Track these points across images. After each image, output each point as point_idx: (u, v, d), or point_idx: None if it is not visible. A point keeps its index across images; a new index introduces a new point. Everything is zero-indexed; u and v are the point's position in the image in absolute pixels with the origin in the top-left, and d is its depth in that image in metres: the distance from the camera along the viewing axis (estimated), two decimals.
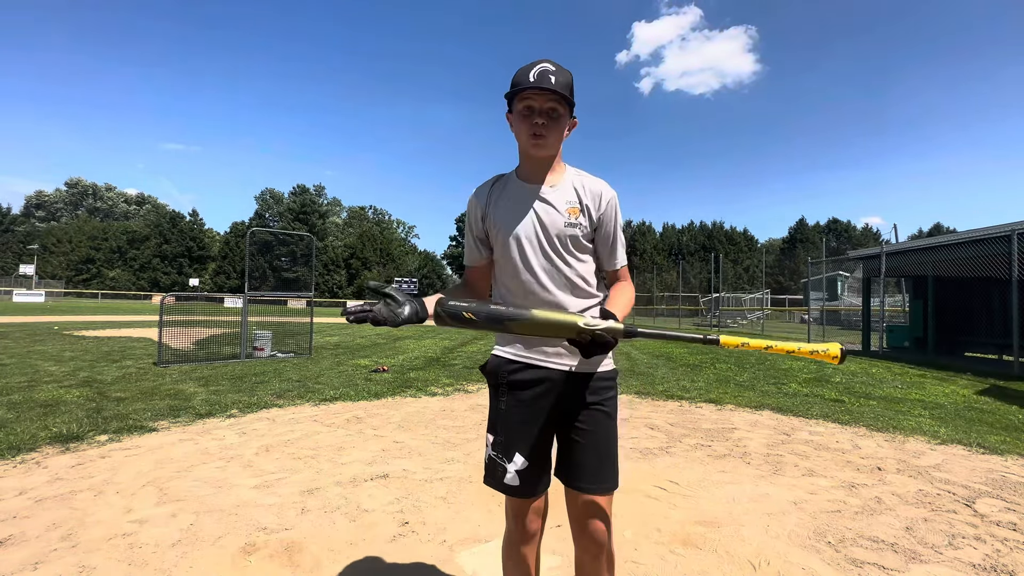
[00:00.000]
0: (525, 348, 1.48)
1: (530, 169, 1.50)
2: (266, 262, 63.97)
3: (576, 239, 1.47)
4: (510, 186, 1.53)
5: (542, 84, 1.37)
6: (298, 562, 2.20)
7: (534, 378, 1.46)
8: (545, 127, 1.41)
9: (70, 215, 79.21)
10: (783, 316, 39.37)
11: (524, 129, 1.42)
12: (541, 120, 1.40)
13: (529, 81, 1.38)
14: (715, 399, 5.94)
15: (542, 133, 1.41)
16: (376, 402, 5.55)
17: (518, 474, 1.44)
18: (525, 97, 1.41)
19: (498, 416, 1.50)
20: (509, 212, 1.49)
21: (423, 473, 3.35)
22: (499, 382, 1.51)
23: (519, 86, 1.41)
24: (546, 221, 1.46)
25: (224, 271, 66.30)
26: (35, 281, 56.76)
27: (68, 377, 6.39)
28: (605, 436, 1.46)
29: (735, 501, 2.96)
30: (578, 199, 1.48)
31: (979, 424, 4.89)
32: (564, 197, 1.48)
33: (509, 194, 1.51)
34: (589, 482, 1.43)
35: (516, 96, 1.42)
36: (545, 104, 1.40)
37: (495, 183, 1.56)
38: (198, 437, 4.03)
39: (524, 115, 1.42)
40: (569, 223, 1.46)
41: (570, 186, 1.50)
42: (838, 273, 30.66)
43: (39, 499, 2.77)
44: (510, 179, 1.54)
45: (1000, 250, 9.39)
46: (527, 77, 1.39)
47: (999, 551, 2.40)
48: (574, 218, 1.47)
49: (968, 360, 11.00)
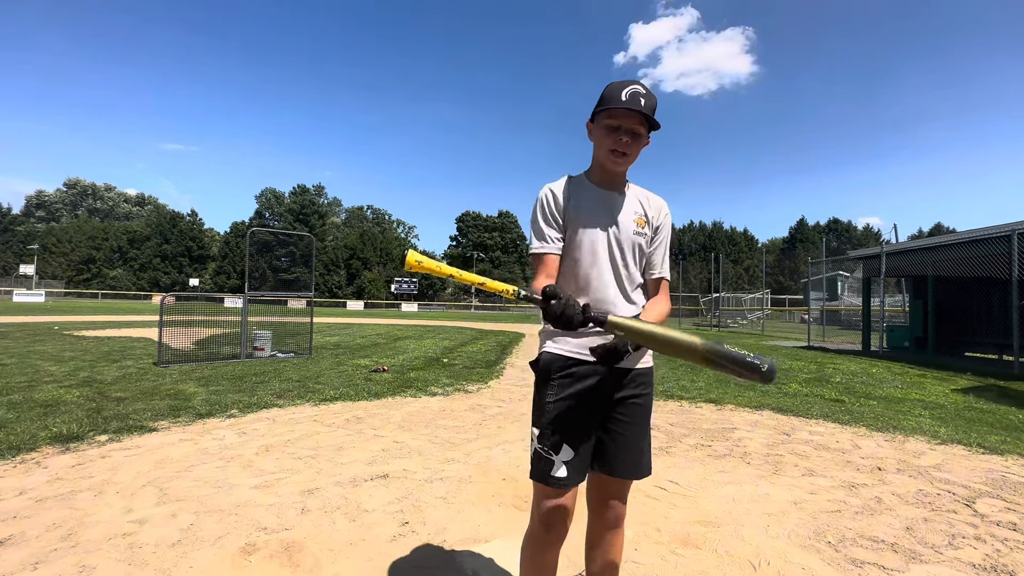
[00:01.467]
0: (575, 345, 1.54)
1: (604, 178, 1.61)
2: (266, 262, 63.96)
3: (641, 247, 1.60)
4: (585, 188, 1.61)
5: (632, 106, 1.45)
6: (298, 562, 2.20)
7: (583, 373, 1.53)
8: (628, 145, 1.50)
9: (70, 215, 79.20)
10: (783, 316, 39.35)
11: (607, 144, 1.52)
12: (626, 139, 1.49)
13: (621, 101, 1.46)
14: (715, 399, 5.94)
15: (625, 152, 1.51)
16: (376, 402, 5.55)
17: (566, 465, 1.49)
18: (614, 115, 1.49)
19: (547, 411, 1.53)
20: (589, 211, 1.58)
21: (423, 473, 3.35)
22: (550, 377, 1.55)
23: (610, 103, 1.48)
24: (620, 226, 1.58)
25: (224, 271, 66.30)
26: (35, 281, 56.76)
27: (68, 377, 6.39)
28: (643, 427, 1.59)
29: (735, 501, 2.96)
30: (643, 210, 1.63)
31: (979, 424, 4.89)
32: (633, 208, 1.62)
33: (587, 195, 1.59)
34: (626, 469, 1.56)
35: (604, 112, 1.50)
36: (632, 124, 1.49)
37: (568, 182, 1.63)
38: (198, 437, 4.03)
39: (609, 130, 1.51)
40: (637, 231, 1.59)
41: (636, 199, 1.64)
42: (838, 273, 30.65)
43: (39, 499, 2.76)
44: (583, 181, 1.63)
45: (1000, 250, 9.39)
46: (619, 96, 1.47)
47: (999, 551, 2.40)
48: (641, 228, 1.60)
49: (968, 360, 11.00)
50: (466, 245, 78.49)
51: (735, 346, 1.20)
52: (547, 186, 1.62)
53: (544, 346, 1.60)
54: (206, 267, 69.65)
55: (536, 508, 1.55)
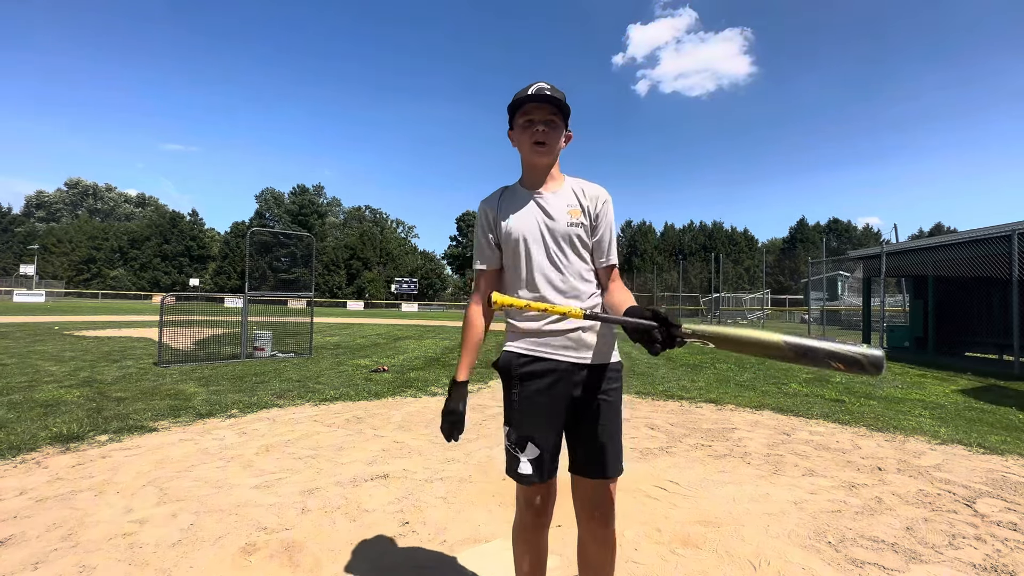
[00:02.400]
0: (533, 343, 1.57)
1: (533, 178, 1.65)
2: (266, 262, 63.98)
3: (580, 237, 1.60)
4: (516, 194, 1.66)
5: (541, 97, 1.53)
6: (298, 562, 2.20)
7: (543, 370, 1.55)
8: (546, 134, 1.56)
9: (70, 215, 79.23)
10: (783, 316, 39.37)
11: (526, 139, 1.57)
12: (542, 128, 1.55)
13: (529, 95, 1.54)
14: (715, 399, 5.94)
15: (543, 140, 1.56)
16: (376, 402, 5.55)
17: (531, 463, 1.53)
18: (526, 112, 1.56)
19: (511, 409, 1.58)
20: (516, 216, 1.62)
21: (423, 473, 3.35)
22: (511, 376, 1.58)
23: (520, 101, 1.56)
24: (550, 222, 1.59)
25: (224, 271, 66.30)
26: (35, 281, 56.76)
27: (68, 377, 6.39)
28: (612, 424, 1.56)
29: (735, 501, 2.96)
30: (578, 201, 1.62)
31: (979, 424, 4.89)
32: (565, 200, 1.62)
33: (515, 201, 1.65)
34: (597, 468, 1.54)
35: (517, 112, 1.58)
36: (545, 115, 1.56)
37: (503, 193, 1.69)
38: (198, 437, 4.03)
39: (525, 127, 1.57)
40: (571, 223, 1.59)
41: (570, 190, 1.64)
42: (838, 273, 30.66)
43: (39, 499, 2.77)
44: (515, 189, 1.68)
45: (1000, 250, 9.39)
46: (526, 93, 1.55)
47: (999, 551, 2.40)
48: (575, 218, 1.60)
49: (968, 360, 11.00)
50: (466, 245, 78.53)
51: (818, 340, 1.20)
52: (480, 203, 1.70)
53: (505, 345, 1.63)
54: (206, 267, 69.66)
55: (518, 498, 1.64)
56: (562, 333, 1.54)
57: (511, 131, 1.65)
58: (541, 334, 1.56)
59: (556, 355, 1.55)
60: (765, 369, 8.82)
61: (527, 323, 1.58)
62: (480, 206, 1.70)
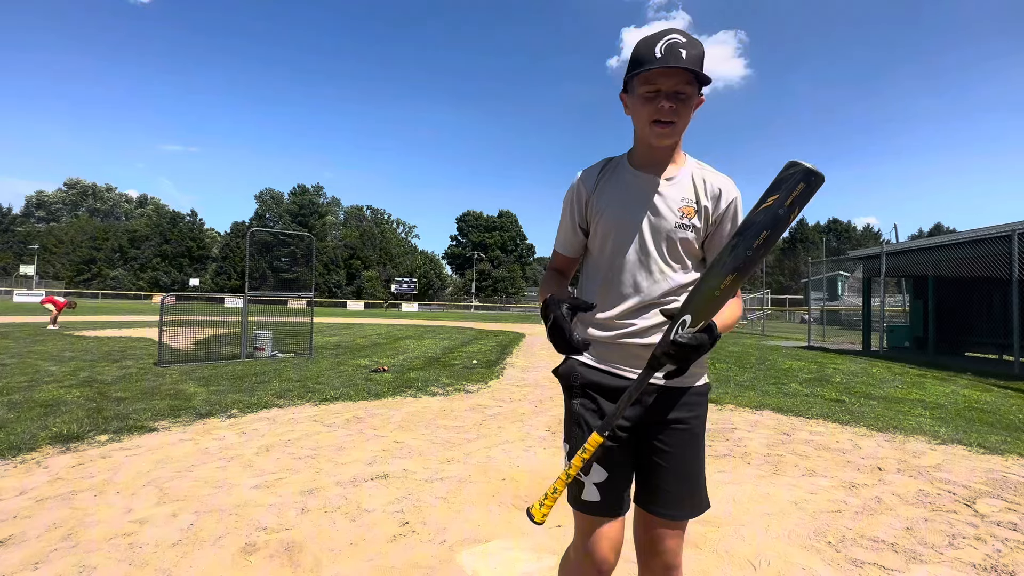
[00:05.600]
0: (600, 356, 1.32)
1: (646, 157, 1.32)
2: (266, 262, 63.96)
3: (687, 242, 1.29)
4: (620, 172, 1.34)
5: (672, 63, 1.15)
6: (298, 562, 2.20)
7: (610, 386, 1.29)
8: (673, 111, 1.20)
9: (70, 215, 79.22)
10: (783, 316, 39.35)
11: (646, 115, 1.23)
12: (668, 104, 1.19)
13: (656, 59, 1.16)
14: (715, 399, 5.93)
15: (670, 119, 1.21)
16: (376, 402, 5.55)
17: (597, 487, 1.26)
18: (650, 79, 1.19)
19: (572, 424, 1.33)
20: (616, 202, 1.32)
21: (423, 473, 3.34)
22: (571, 384, 1.34)
23: (643, 65, 1.18)
24: (656, 218, 1.28)
25: (224, 271, 66.30)
26: (35, 281, 56.76)
27: (68, 377, 6.39)
28: (690, 458, 1.31)
29: (735, 501, 2.96)
30: (695, 197, 1.30)
31: (979, 424, 4.89)
32: (680, 193, 1.29)
33: (620, 182, 1.33)
34: (667, 507, 1.29)
35: (638, 76, 1.21)
36: (675, 86, 1.19)
37: (605, 167, 1.38)
38: (198, 437, 4.03)
39: (648, 98, 1.21)
40: (680, 224, 1.28)
41: (688, 181, 1.31)
42: (838, 273, 30.64)
43: (39, 499, 2.76)
44: (621, 164, 1.36)
45: (1000, 250, 9.38)
46: (653, 53, 1.17)
47: (999, 551, 2.40)
48: (688, 219, 1.28)
49: (968, 360, 11.00)
50: (466, 245, 78.50)
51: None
52: (579, 174, 1.39)
53: None
54: (206, 267, 69.66)
55: (576, 535, 1.34)
56: (637, 347, 1.28)
57: (625, 93, 1.29)
58: (613, 344, 1.30)
59: (626, 371, 1.29)
60: (765, 369, 8.82)
61: (598, 330, 1.32)
62: (576, 181, 1.38)
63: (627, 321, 1.30)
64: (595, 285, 1.35)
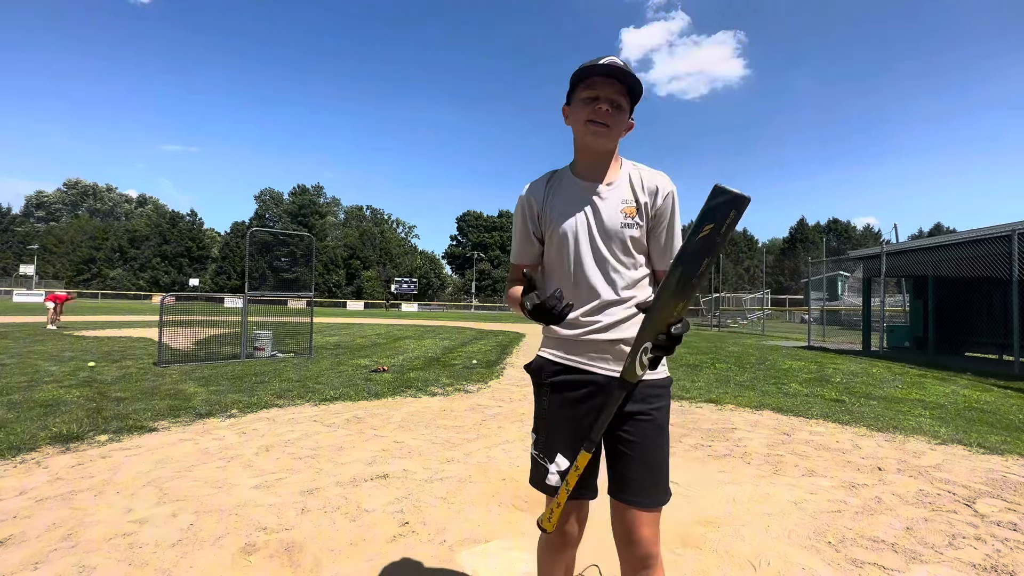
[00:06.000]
0: (568, 351, 1.43)
1: (586, 165, 1.44)
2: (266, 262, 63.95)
3: (635, 240, 1.41)
4: (565, 182, 1.47)
5: (610, 72, 1.31)
6: (298, 562, 2.20)
7: (577, 380, 1.41)
8: (609, 114, 1.34)
9: (70, 215, 79.21)
10: (783, 316, 39.35)
11: (583, 115, 1.36)
12: (605, 107, 1.33)
13: (598, 67, 1.32)
14: (715, 399, 5.93)
15: (604, 121, 1.34)
16: (376, 402, 5.55)
17: (560, 475, 1.39)
18: (591, 85, 1.34)
19: (541, 417, 1.46)
20: (564, 210, 1.43)
21: (423, 473, 3.34)
22: (541, 381, 1.46)
23: (586, 73, 1.34)
24: (601, 221, 1.40)
25: (224, 271, 66.29)
26: (35, 281, 56.75)
27: (68, 377, 6.39)
28: (654, 447, 1.38)
29: (735, 501, 2.96)
30: (634, 196, 1.42)
31: (979, 424, 4.89)
32: (620, 196, 1.42)
33: (565, 191, 1.45)
34: (634, 495, 1.36)
35: (580, 84, 1.35)
36: (612, 93, 1.34)
37: (550, 179, 1.50)
38: (198, 437, 4.03)
39: (586, 102, 1.35)
40: (625, 223, 1.40)
41: (626, 182, 1.43)
42: (838, 273, 30.64)
43: (39, 499, 2.76)
44: (565, 175, 1.48)
45: (1000, 250, 9.39)
46: (595, 65, 1.33)
47: (999, 551, 2.40)
48: (631, 218, 1.40)
49: (968, 360, 11.00)
50: (466, 245, 78.52)
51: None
52: (524, 191, 1.52)
53: (540, 349, 1.51)
54: (206, 267, 69.65)
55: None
56: (602, 343, 1.39)
57: (567, 106, 1.43)
58: (578, 342, 1.41)
59: (592, 367, 1.40)
60: (765, 369, 8.82)
61: (565, 328, 1.42)
62: (522, 194, 1.50)
63: (591, 319, 1.41)
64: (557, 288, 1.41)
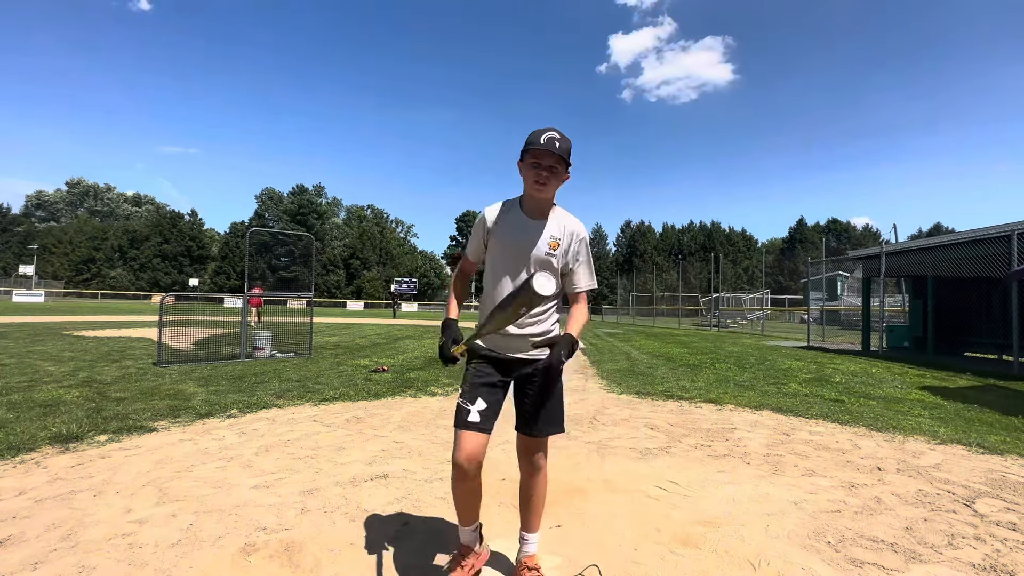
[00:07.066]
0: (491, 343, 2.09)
1: (531, 206, 2.02)
2: (265, 262, 63.95)
3: (552, 265, 2.01)
4: (513, 213, 2.03)
5: (550, 148, 1.87)
6: (298, 562, 2.20)
7: (495, 359, 2.09)
8: (547, 178, 1.92)
9: (70, 215, 79.19)
10: (783, 316, 39.35)
11: (531, 176, 1.93)
12: (545, 173, 1.91)
13: (540, 144, 1.88)
14: (715, 399, 5.93)
15: (544, 182, 1.92)
16: (376, 402, 5.55)
17: (480, 413, 1.96)
18: (535, 155, 1.90)
19: (468, 376, 2.08)
20: (508, 234, 2.01)
21: (423, 473, 3.34)
22: (472, 357, 2.11)
23: (532, 146, 1.89)
24: (532, 247, 1.99)
25: (224, 271, 66.26)
26: (35, 281, 56.72)
27: (68, 377, 6.39)
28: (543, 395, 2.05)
29: (735, 501, 2.96)
30: (560, 235, 2.02)
31: (979, 424, 4.89)
32: (550, 232, 2.00)
33: (511, 221, 2.02)
34: (529, 427, 2.09)
35: (527, 152, 1.92)
36: (550, 162, 1.90)
37: (503, 207, 2.05)
38: (198, 437, 4.03)
39: (532, 166, 1.91)
40: (549, 253, 2.00)
41: (556, 224, 2.02)
42: (838, 273, 30.66)
43: (39, 499, 2.76)
44: (514, 207, 2.04)
45: (1000, 250, 9.39)
46: (539, 140, 1.89)
47: (999, 551, 2.40)
48: (553, 250, 2.00)
49: (968, 360, 11.00)
50: (466, 245, 78.57)
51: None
52: (486, 209, 2.08)
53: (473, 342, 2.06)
54: (206, 267, 69.62)
55: (455, 451, 1.94)
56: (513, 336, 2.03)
57: (521, 162, 1.96)
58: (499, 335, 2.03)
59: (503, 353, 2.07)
60: (765, 369, 8.82)
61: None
62: (483, 211, 2.08)
63: None
64: (492, 289, 2.07)
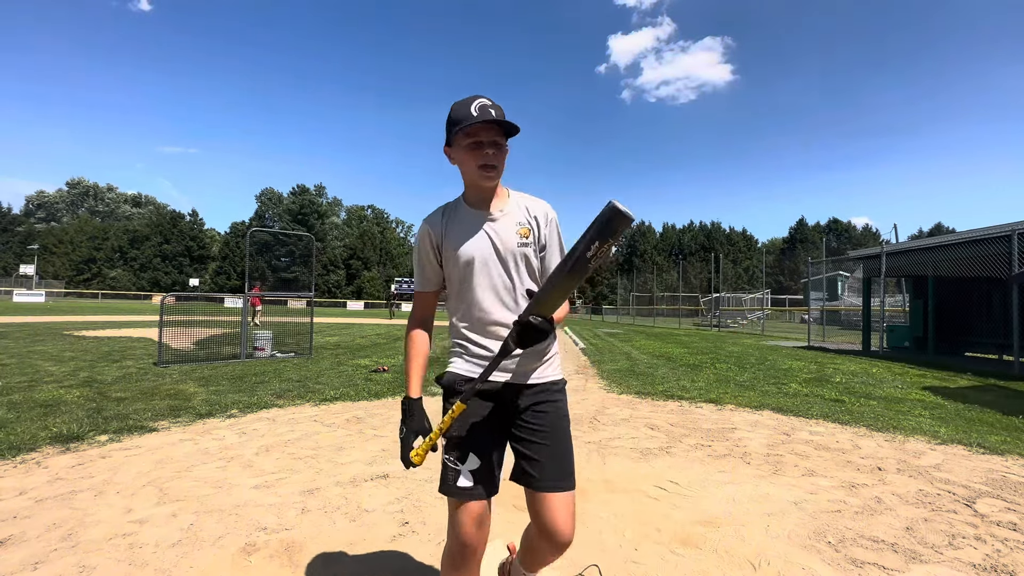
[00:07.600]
0: (473, 365, 1.56)
1: (478, 197, 1.57)
2: (265, 262, 63.95)
3: (527, 257, 1.57)
4: (460, 213, 1.58)
5: (487, 118, 1.43)
6: (298, 562, 2.20)
7: (480, 389, 1.50)
8: (495, 157, 1.48)
9: (71, 215, 79.20)
10: (783, 316, 39.36)
11: (473, 160, 1.48)
12: (491, 151, 1.47)
13: (473, 116, 1.43)
14: (715, 399, 5.93)
15: (493, 164, 1.48)
16: (376, 402, 5.55)
17: (472, 474, 1.49)
18: (471, 133, 1.46)
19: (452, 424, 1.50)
20: (464, 238, 1.55)
21: (423, 473, 3.34)
22: (452, 394, 1.56)
23: (464, 122, 1.43)
24: (500, 243, 1.55)
25: (224, 271, 66.28)
26: (35, 281, 56.73)
27: (68, 377, 6.39)
28: (552, 437, 1.54)
29: (735, 501, 2.96)
30: (527, 220, 1.59)
31: (979, 424, 4.89)
32: (515, 219, 1.57)
33: (462, 221, 1.57)
34: (536, 480, 1.52)
35: (460, 132, 1.46)
36: (492, 136, 1.47)
37: (444, 211, 1.61)
38: (198, 437, 4.03)
39: (472, 148, 1.48)
40: (522, 243, 1.56)
41: (518, 209, 1.59)
42: (838, 273, 30.66)
43: (39, 499, 2.76)
44: (459, 206, 1.60)
45: (1000, 250, 9.38)
46: (470, 112, 1.44)
47: (999, 551, 2.40)
48: (525, 238, 1.57)
49: (968, 360, 10.99)
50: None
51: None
52: (423, 222, 1.63)
53: (449, 365, 1.61)
54: (206, 267, 69.64)
55: (450, 524, 1.52)
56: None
57: (449, 147, 1.53)
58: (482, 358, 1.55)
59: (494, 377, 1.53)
60: (765, 369, 8.82)
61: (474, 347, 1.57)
62: (421, 227, 1.63)
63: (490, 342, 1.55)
64: (461, 309, 1.59)
